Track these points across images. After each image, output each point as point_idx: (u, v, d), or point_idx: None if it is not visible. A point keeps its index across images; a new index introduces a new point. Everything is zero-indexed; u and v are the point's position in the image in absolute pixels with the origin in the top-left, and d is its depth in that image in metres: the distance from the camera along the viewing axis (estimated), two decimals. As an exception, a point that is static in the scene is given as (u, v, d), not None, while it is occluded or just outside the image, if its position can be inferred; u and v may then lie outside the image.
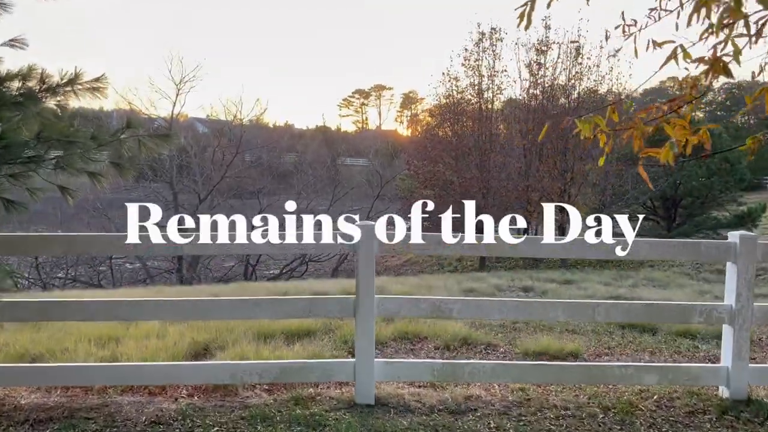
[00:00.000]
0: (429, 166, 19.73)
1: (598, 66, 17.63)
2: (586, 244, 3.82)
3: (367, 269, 3.71)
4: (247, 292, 9.12)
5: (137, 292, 9.94)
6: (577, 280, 13.07)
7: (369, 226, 3.70)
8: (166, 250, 3.74)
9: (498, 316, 3.82)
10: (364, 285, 3.71)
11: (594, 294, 10.33)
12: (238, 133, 20.78)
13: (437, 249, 3.78)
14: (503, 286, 11.23)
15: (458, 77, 19.32)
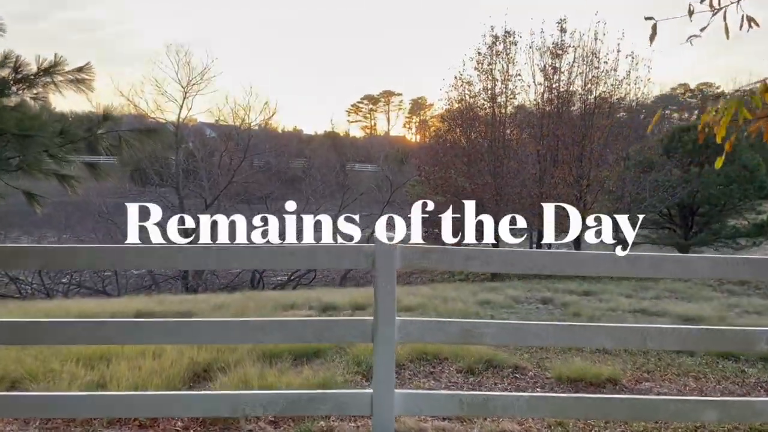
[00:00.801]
0: (440, 171, 19.26)
1: (615, 70, 17.12)
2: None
3: (386, 288, 3.25)
4: (251, 303, 8.67)
5: (139, 301, 9.52)
6: (597, 291, 12.56)
7: (389, 237, 3.25)
8: (164, 263, 3.28)
9: (537, 343, 3.35)
10: (383, 307, 3.25)
11: (617, 307, 9.81)
12: (246, 137, 20.39)
13: (474, 265, 3.30)
14: (521, 298, 10.74)
15: (471, 81, 18.88)
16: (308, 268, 3.36)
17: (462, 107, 19.05)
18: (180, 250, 3.24)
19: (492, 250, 3.29)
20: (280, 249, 3.28)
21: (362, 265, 3.31)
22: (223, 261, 3.27)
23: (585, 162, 17.15)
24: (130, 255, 3.23)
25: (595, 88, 17.29)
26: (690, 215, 22.26)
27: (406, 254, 3.29)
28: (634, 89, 17.15)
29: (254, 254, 3.27)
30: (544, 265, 3.33)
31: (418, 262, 3.30)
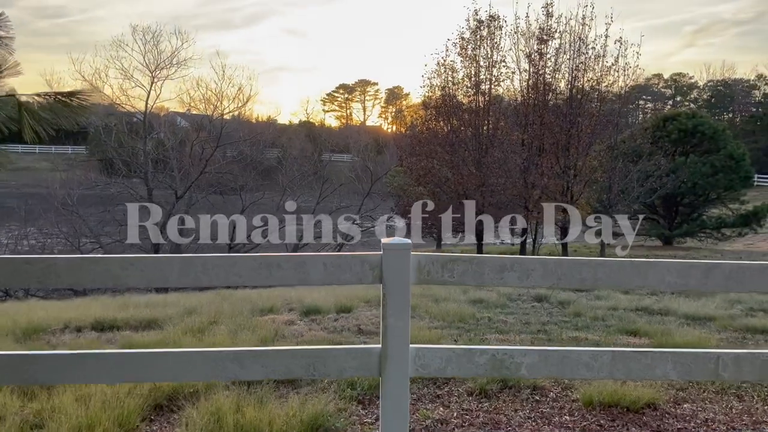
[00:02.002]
0: (423, 161, 18.57)
1: (604, 56, 16.58)
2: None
3: (398, 309, 2.55)
4: (225, 305, 7.88)
5: (101, 304, 8.66)
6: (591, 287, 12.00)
7: (402, 245, 2.54)
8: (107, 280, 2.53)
9: (587, 375, 2.68)
10: (394, 333, 2.55)
11: (617, 305, 9.23)
12: (218, 126, 19.44)
13: (510, 278, 2.60)
14: (513, 295, 10.11)
15: (455, 68, 18.20)
16: (299, 283, 2.83)
17: (445, 94, 18.36)
18: (133, 262, 2.50)
19: (532, 259, 2.60)
20: (264, 260, 2.55)
21: (367, 280, 2.60)
22: (189, 276, 2.53)
23: (572, 151, 16.62)
24: (61, 268, 2.48)
25: (583, 75, 16.75)
26: (674, 206, 21.97)
27: (423, 265, 2.58)
28: (624, 76, 16.63)
29: (230, 267, 2.53)
30: (603, 278, 2.64)
31: (438, 275, 2.60)
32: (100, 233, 19.29)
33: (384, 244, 2.55)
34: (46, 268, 2.48)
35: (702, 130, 20.72)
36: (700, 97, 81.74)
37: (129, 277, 2.51)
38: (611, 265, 2.62)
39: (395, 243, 2.54)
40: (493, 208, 17.88)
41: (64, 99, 2.21)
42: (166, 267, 2.52)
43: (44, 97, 2.21)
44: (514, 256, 2.63)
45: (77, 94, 2.25)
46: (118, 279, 2.51)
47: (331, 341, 5.66)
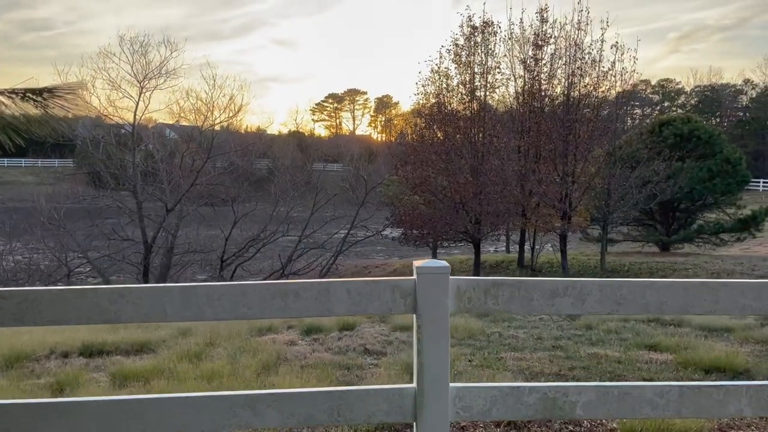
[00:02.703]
0: (418, 170, 18.26)
1: (600, 61, 16.37)
2: None
3: (435, 343, 2.20)
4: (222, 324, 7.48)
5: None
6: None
7: (439, 269, 2.19)
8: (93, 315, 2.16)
9: (653, 414, 2.33)
10: (431, 371, 2.20)
11: (627, 316, 8.92)
12: (208, 136, 19.03)
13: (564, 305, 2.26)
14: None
15: (449, 74, 17.94)
16: (321, 314, 2.46)
17: (439, 101, 18.09)
18: (124, 293, 2.14)
19: (588, 282, 2.26)
20: (279, 289, 2.20)
21: (398, 309, 2.25)
22: (191, 308, 2.17)
23: (570, 158, 16.36)
24: (42, 302, 2.11)
25: (579, 80, 16.52)
26: (671, 211, 21.77)
27: (463, 291, 2.24)
28: (621, 81, 16.41)
29: (239, 298, 2.17)
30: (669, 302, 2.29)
31: (480, 303, 2.25)
32: (87, 248, 18.80)
33: (418, 268, 2.20)
34: (23, 303, 2.11)
35: (698, 134, 20.57)
36: (687, 102, 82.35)
37: (121, 311, 2.15)
38: (678, 287, 2.27)
39: (431, 266, 2.20)
40: (491, 216, 17.60)
41: (37, 98, 1.80)
42: (165, 298, 2.15)
43: (8, 96, 1.81)
44: (567, 279, 2.29)
45: (57, 90, 1.84)
46: (107, 313, 2.15)
47: (338, 364, 5.29)
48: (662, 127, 21.28)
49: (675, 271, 15.97)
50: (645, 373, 5.26)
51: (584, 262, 19.01)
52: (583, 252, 22.70)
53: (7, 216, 19.96)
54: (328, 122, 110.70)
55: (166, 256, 18.51)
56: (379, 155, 35.96)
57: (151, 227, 18.32)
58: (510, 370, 5.25)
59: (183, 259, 19.73)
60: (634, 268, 17.04)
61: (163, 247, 18.68)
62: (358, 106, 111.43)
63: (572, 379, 5.05)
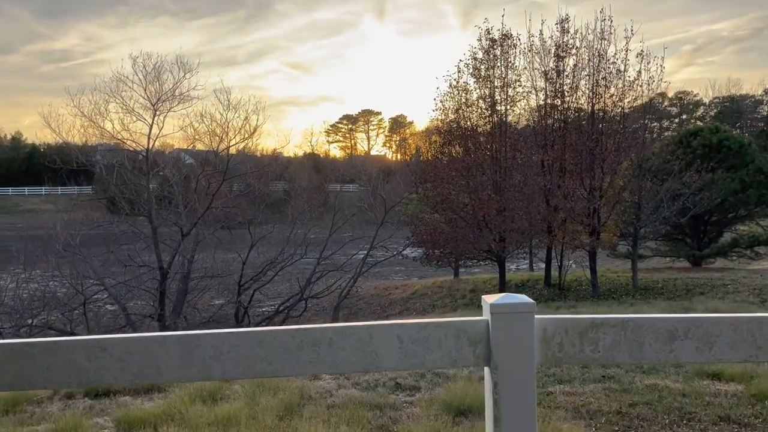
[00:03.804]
0: (439, 187, 17.73)
1: (626, 70, 15.81)
2: None
3: (519, 405, 1.65)
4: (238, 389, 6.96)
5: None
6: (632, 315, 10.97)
7: (521, 305, 1.65)
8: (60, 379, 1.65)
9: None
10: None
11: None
12: (224, 159, 18.70)
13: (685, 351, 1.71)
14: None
15: (468, 89, 17.48)
16: (365, 369, 1.98)
17: (459, 116, 17.61)
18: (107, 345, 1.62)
19: (716, 319, 1.70)
20: (307, 335, 1.67)
21: (465, 360, 1.70)
22: (195, 364, 1.65)
23: (597, 171, 15.74)
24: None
25: (605, 91, 15.95)
26: (702, 225, 20.97)
27: (551, 335, 1.69)
28: (648, 90, 15.82)
29: (255, 349, 1.65)
30: None
31: (574, 350, 1.70)
32: (104, 275, 18.44)
33: (493, 305, 1.66)
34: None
35: (728, 144, 19.85)
36: (706, 114, 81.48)
37: (102, 369, 1.63)
38: None
39: (509, 302, 1.66)
40: (516, 234, 17.00)
41: None
42: (159, 351, 1.63)
43: None
44: (687, 316, 1.74)
45: None
46: (85, 373, 1.63)
47: (368, 403, 4.72)
48: (689, 138, 20.58)
49: (713, 287, 15.17)
50: (718, 408, 4.63)
51: (614, 280, 18.26)
52: (610, 269, 21.93)
53: (23, 244, 19.67)
54: (343, 143, 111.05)
55: (182, 282, 18.10)
56: (396, 174, 35.55)
57: (167, 252, 17.95)
58: (563, 407, 4.65)
59: (200, 284, 19.30)
60: (669, 285, 16.27)
61: (180, 272, 18.28)
62: (373, 126, 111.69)
63: (636, 418, 4.44)
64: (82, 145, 20.12)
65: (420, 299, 20.76)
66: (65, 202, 27.06)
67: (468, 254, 18.31)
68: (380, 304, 21.64)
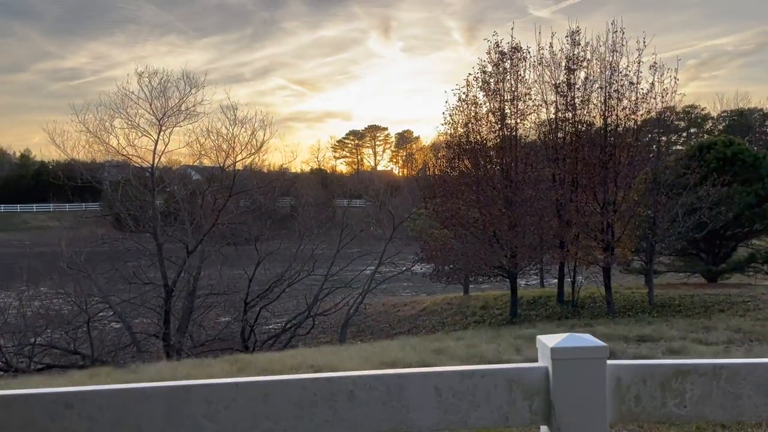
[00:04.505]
0: (448, 202, 17.41)
1: (638, 83, 15.51)
2: None
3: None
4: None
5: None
6: (652, 335, 10.60)
7: (589, 348, 1.33)
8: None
9: None
10: None
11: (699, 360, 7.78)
12: (230, 175, 18.47)
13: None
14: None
15: (477, 102, 17.22)
16: (392, 428, 1.60)
17: (468, 130, 17.33)
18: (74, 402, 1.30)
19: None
20: (325, 387, 1.35)
21: (519, 417, 1.37)
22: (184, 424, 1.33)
23: (610, 185, 15.38)
24: None
25: (617, 104, 15.65)
26: (717, 239, 20.53)
27: (626, 386, 1.36)
28: (662, 102, 15.50)
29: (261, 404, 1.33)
30: None
31: (656, 403, 1.37)
32: (109, 292, 18.17)
33: (554, 348, 1.33)
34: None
35: (742, 158, 19.47)
36: (715, 127, 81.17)
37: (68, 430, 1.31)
38: None
39: (574, 345, 1.33)
40: (527, 249, 16.65)
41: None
42: (138, 409, 1.31)
43: None
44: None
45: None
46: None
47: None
48: (702, 151, 20.21)
49: (733, 304, 14.71)
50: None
51: (628, 297, 17.82)
52: (623, 284, 21.48)
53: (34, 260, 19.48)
54: (350, 159, 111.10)
55: (188, 299, 17.79)
56: (403, 189, 35.30)
57: (172, 269, 17.67)
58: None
59: (206, 301, 19.00)
60: (686, 302, 15.81)
61: (185, 289, 17.99)
62: (379, 142, 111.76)
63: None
64: (89, 162, 19.96)
65: (429, 316, 20.35)
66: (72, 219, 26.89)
67: (479, 270, 17.94)
68: (388, 321, 21.24)
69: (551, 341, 1.35)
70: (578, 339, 1.34)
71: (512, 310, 17.25)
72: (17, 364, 16.23)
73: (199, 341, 18.88)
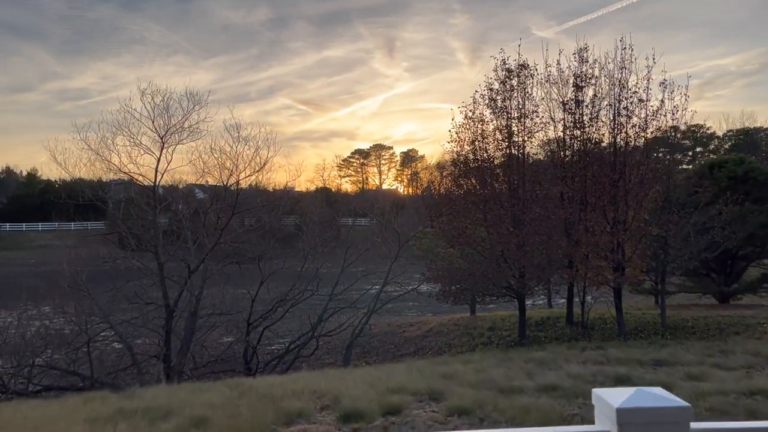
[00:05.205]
0: (455, 221, 17.13)
1: (648, 100, 15.26)
2: None
3: None
4: (243, 402, 6.28)
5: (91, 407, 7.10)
6: (668, 359, 10.23)
7: (665, 411, 1.03)
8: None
9: None
10: None
11: (724, 388, 7.47)
12: (234, 193, 18.24)
13: None
14: (587, 377, 8.42)
15: (484, 120, 17.01)
16: None
17: (475, 148, 17.10)
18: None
19: None
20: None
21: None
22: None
23: (620, 204, 15.07)
24: None
25: (627, 121, 15.41)
26: (729, 259, 20.14)
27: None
28: (671, 120, 15.25)
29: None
30: None
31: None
32: (110, 312, 17.86)
33: (621, 410, 1.05)
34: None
35: (754, 176, 19.15)
36: (720, 147, 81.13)
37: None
38: None
39: (646, 406, 1.04)
40: (536, 269, 16.31)
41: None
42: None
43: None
44: None
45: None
46: None
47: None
48: (713, 169, 19.92)
49: (748, 326, 14.29)
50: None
51: (639, 318, 17.42)
52: (633, 305, 21.08)
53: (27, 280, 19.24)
54: (355, 177, 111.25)
55: (190, 320, 17.46)
56: (408, 207, 35.05)
57: (174, 289, 17.37)
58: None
59: (209, 321, 18.67)
60: (699, 324, 15.41)
61: (187, 309, 17.67)
62: (384, 160, 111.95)
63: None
64: (94, 180, 19.76)
65: (435, 337, 19.97)
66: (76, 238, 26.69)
67: (487, 290, 17.60)
68: (394, 342, 20.87)
69: (615, 398, 1.06)
70: (651, 396, 1.06)
71: (521, 332, 16.86)
72: (15, 386, 15.90)
73: (201, 362, 18.53)
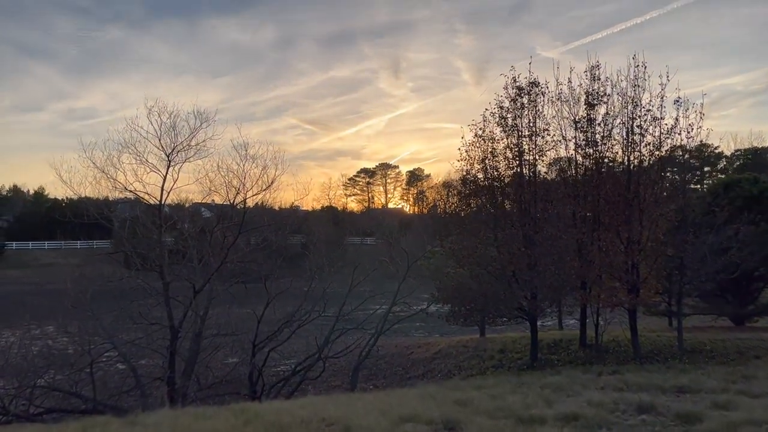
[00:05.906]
0: (465, 241, 16.84)
1: (662, 118, 15.03)
2: None
3: None
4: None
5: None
6: (690, 385, 9.84)
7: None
8: None
9: None
10: None
11: (753, 417, 7.09)
12: (241, 212, 18.00)
13: None
14: (608, 404, 8.04)
15: (494, 138, 16.78)
16: None
17: (485, 166, 16.86)
18: None
19: None
20: None
21: None
22: None
23: (635, 224, 14.76)
24: None
25: (640, 140, 15.16)
26: (744, 280, 19.72)
27: None
28: (686, 139, 14.99)
29: None
30: None
31: None
32: (114, 332, 17.56)
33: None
34: None
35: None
36: (729, 166, 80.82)
37: None
38: None
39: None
40: (548, 290, 15.96)
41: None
42: None
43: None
44: None
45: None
46: None
47: None
48: (727, 189, 19.61)
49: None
50: None
51: (654, 340, 17.00)
52: (647, 327, 20.64)
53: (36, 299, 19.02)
54: (361, 196, 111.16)
55: (194, 341, 17.13)
56: (414, 226, 34.77)
57: (179, 309, 17.08)
58: None
59: (214, 341, 18.33)
60: (717, 347, 14.99)
61: (192, 330, 17.35)
62: (390, 179, 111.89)
63: None
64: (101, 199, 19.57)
65: (444, 359, 19.57)
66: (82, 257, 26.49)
67: (498, 312, 17.24)
68: (402, 364, 20.46)
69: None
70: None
71: (533, 354, 16.46)
72: (16, 408, 15.57)
73: (205, 384, 18.15)
